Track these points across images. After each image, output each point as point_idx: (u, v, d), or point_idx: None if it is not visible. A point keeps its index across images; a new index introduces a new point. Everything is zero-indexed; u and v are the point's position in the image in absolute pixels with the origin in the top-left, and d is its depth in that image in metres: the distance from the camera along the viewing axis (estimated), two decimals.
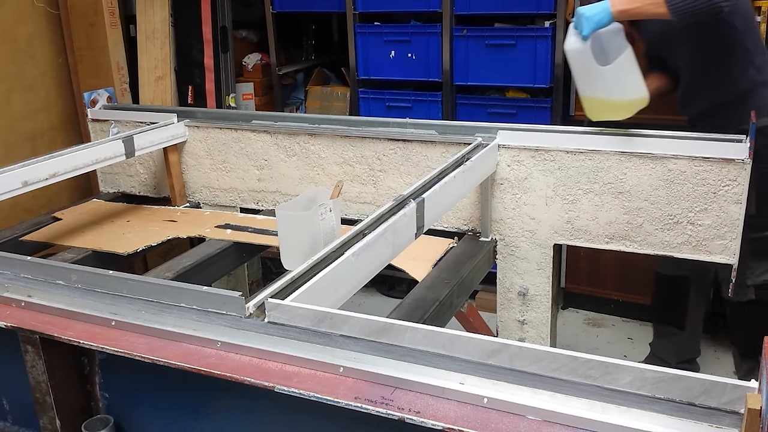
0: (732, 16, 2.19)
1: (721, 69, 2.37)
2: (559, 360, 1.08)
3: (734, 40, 2.30)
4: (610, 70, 2.17)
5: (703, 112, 2.49)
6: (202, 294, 1.38)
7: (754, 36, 2.35)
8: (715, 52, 2.35)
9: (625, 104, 2.25)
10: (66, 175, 2.36)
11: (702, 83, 2.45)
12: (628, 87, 2.23)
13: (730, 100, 2.39)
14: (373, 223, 1.65)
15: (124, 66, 3.78)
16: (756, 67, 2.35)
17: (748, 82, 2.35)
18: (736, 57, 2.33)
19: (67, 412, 1.48)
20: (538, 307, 2.44)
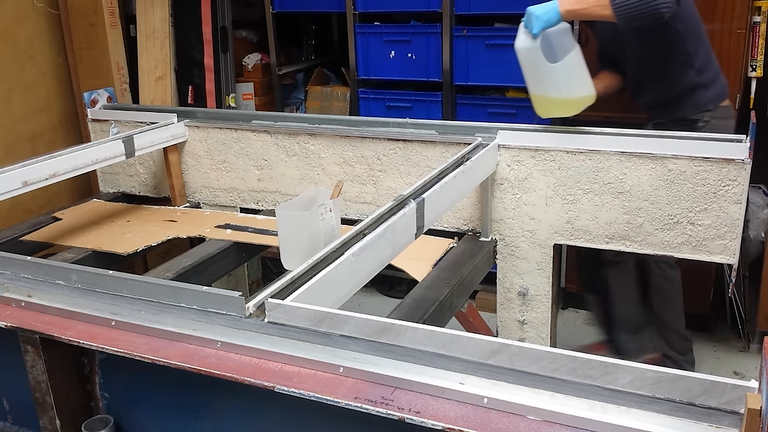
0: (674, 20, 2.27)
1: (662, 70, 2.48)
2: (559, 360, 1.08)
3: (676, 42, 2.40)
4: (559, 68, 2.24)
5: (649, 107, 2.63)
6: (202, 294, 1.38)
7: (696, 39, 2.44)
8: (657, 53, 2.45)
9: (574, 101, 2.32)
10: (66, 175, 2.36)
11: (645, 82, 2.57)
12: (576, 84, 2.29)
13: (670, 99, 2.51)
14: (373, 223, 1.65)
15: (124, 66, 3.78)
16: (696, 69, 2.45)
17: (687, 83, 2.46)
18: (676, 59, 2.43)
19: (67, 412, 1.48)
20: (538, 307, 2.44)
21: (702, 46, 2.47)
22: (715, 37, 2.95)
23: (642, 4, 2.10)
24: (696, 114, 2.48)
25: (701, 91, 2.48)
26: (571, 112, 2.36)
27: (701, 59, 2.46)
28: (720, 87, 2.54)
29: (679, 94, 2.50)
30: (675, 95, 2.51)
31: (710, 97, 2.49)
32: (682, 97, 2.50)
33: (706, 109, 2.48)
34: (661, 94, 2.56)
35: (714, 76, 2.52)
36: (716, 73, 2.53)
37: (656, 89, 2.56)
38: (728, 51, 2.95)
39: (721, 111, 2.52)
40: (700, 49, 2.46)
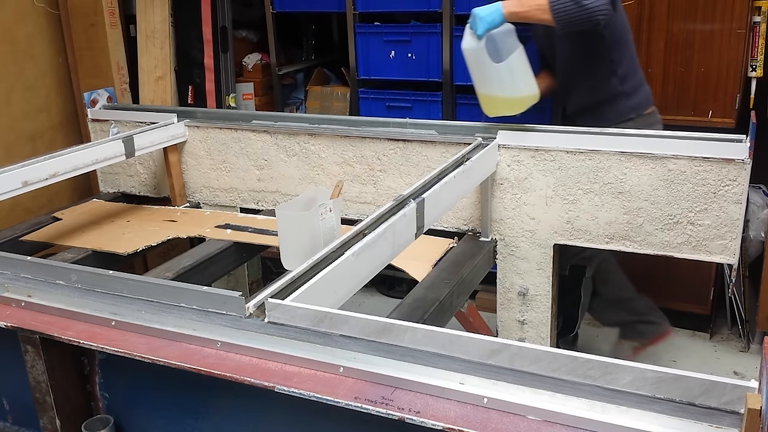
0: (603, 27, 2.33)
1: (586, 75, 2.54)
2: (559, 360, 1.08)
3: (600, 49, 2.45)
4: (503, 68, 2.31)
5: (575, 111, 2.69)
6: (202, 294, 1.38)
7: (621, 47, 2.48)
8: (582, 58, 2.51)
9: (518, 100, 2.39)
10: (66, 175, 2.35)
11: (571, 87, 2.63)
12: (520, 84, 2.36)
13: (592, 105, 2.57)
14: (373, 223, 1.65)
15: (124, 66, 3.78)
16: (619, 77, 2.49)
17: (609, 90, 2.51)
18: (600, 66, 2.49)
19: (67, 412, 1.48)
20: (538, 307, 2.44)
21: (627, 54, 2.51)
22: (715, 37, 2.96)
23: (580, 10, 2.16)
24: (618, 124, 2.46)
25: (623, 99, 2.52)
26: (516, 111, 2.41)
27: (625, 67, 2.50)
28: (643, 96, 2.57)
29: (601, 101, 2.54)
30: (597, 102, 2.55)
31: (631, 106, 2.53)
32: (603, 105, 2.54)
33: (627, 118, 2.51)
34: (584, 100, 2.60)
35: (637, 84, 2.55)
36: (639, 82, 2.57)
37: (580, 95, 2.61)
38: (728, 51, 2.95)
39: (645, 120, 2.55)
40: (624, 57, 2.50)
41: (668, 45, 3.04)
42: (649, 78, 3.11)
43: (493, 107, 2.43)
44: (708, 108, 3.05)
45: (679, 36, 3.02)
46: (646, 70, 3.11)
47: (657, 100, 3.13)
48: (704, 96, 3.04)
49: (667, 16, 3.01)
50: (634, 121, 2.51)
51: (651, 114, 2.60)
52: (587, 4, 2.15)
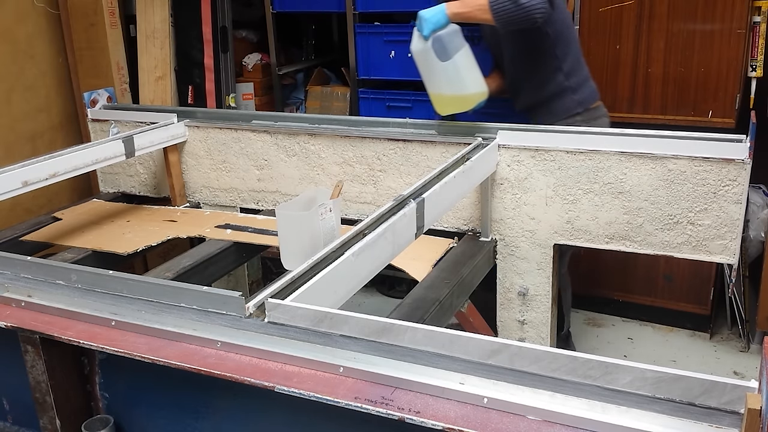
0: (544, 24, 2.39)
1: (532, 72, 2.60)
2: (559, 360, 1.08)
3: (544, 46, 2.51)
4: (450, 66, 2.38)
5: (525, 108, 2.73)
6: (202, 294, 1.38)
7: (565, 44, 2.54)
8: (528, 55, 2.58)
9: (467, 97, 2.45)
10: (66, 175, 2.36)
11: (519, 83, 2.69)
12: (467, 82, 2.43)
13: (541, 101, 2.62)
14: (373, 223, 1.65)
15: (124, 66, 3.78)
16: (564, 73, 2.55)
17: (555, 86, 2.57)
18: (545, 62, 2.55)
19: (67, 412, 1.48)
20: (538, 307, 2.44)
21: (571, 50, 2.57)
22: (715, 37, 2.96)
23: (518, 10, 2.23)
24: (566, 118, 2.55)
25: (569, 94, 2.57)
26: (465, 108, 2.49)
27: (570, 63, 2.56)
28: (588, 90, 2.62)
29: (549, 97, 2.59)
30: (545, 98, 2.60)
31: (578, 100, 2.58)
32: (551, 101, 2.59)
33: (575, 113, 2.57)
34: (533, 97, 2.65)
35: (582, 80, 2.61)
36: (585, 77, 2.63)
37: (529, 91, 2.65)
38: (728, 51, 2.95)
39: (592, 113, 2.61)
40: (569, 53, 2.56)
41: (668, 45, 3.04)
42: (649, 78, 3.12)
43: (443, 106, 2.50)
44: (708, 108, 3.05)
45: (679, 36, 3.02)
46: (646, 70, 3.12)
47: (657, 100, 3.14)
48: (704, 96, 3.04)
49: (667, 16, 3.02)
50: (581, 116, 2.58)
51: (597, 108, 2.66)
52: (525, 3, 2.22)
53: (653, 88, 3.13)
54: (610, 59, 3.17)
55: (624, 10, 3.09)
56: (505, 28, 2.33)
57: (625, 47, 3.13)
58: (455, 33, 2.37)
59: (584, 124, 2.53)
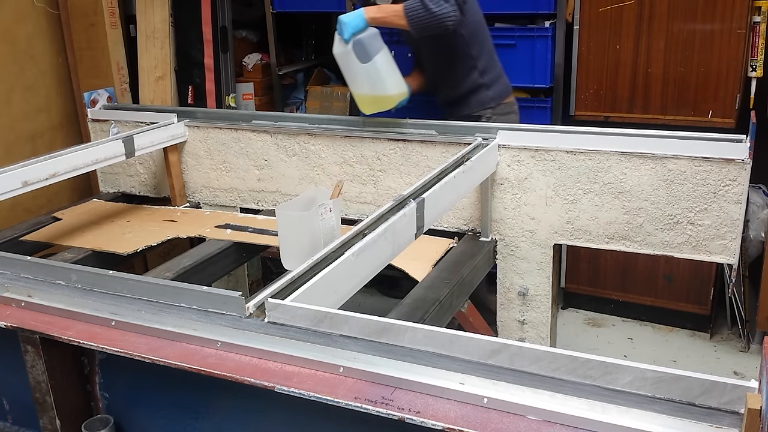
0: (458, 27, 2.56)
1: (449, 71, 2.76)
2: (559, 360, 1.08)
3: (459, 46, 2.68)
4: (370, 68, 2.49)
5: (444, 103, 2.89)
6: (202, 294, 1.38)
7: (479, 44, 2.71)
8: (443, 56, 2.73)
9: (387, 98, 2.56)
10: (66, 175, 2.35)
11: (438, 81, 2.85)
12: (387, 83, 2.54)
13: (458, 97, 2.79)
14: (373, 223, 1.65)
15: (124, 66, 3.78)
16: (479, 71, 2.74)
17: (471, 83, 2.75)
18: (461, 61, 2.72)
19: (67, 412, 1.48)
20: (538, 307, 2.44)
21: (484, 49, 2.75)
22: (715, 37, 2.96)
23: (430, 17, 2.37)
24: (479, 111, 2.77)
25: (484, 90, 2.76)
26: (387, 107, 2.60)
27: (484, 62, 2.74)
28: (501, 87, 2.81)
29: (466, 93, 2.77)
30: (462, 94, 2.78)
31: (492, 95, 2.78)
32: (467, 96, 2.77)
33: (488, 107, 2.78)
34: (451, 93, 2.82)
35: (495, 77, 2.79)
36: (498, 74, 2.81)
37: (447, 89, 2.82)
38: (728, 51, 2.96)
39: (503, 108, 2.81)
40: (482, 52, 2.74)
41: (668, 45, 3.04)
42: (649, 78, 3.12)
43: (367, 105, 2.59)
44: (708, 108, 3.05)
45: (679, 36, 3.02)
46: (646, 70, 3.12)
47: (657, 100, 3.14)
48: (704, 96, 3.05)
49: (667, 16, 3.02)
50: (494, 109, 2.79)
51: (509, 103, 2.86)
52: (436, 11, 2.36)
53: (653, 88, 3.13)
54: (610, 59, 3.18)
55: (624, 10, 3.09)
56: (419, 33, 2.47)
57: (625, 47, 3.13)
58: (374, 36, 2.48)
59: (495, 116, 2.77)
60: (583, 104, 3.30)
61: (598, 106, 3.26)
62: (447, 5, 2.37)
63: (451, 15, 2.39)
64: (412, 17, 2.40)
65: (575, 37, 3.22)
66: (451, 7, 2.38)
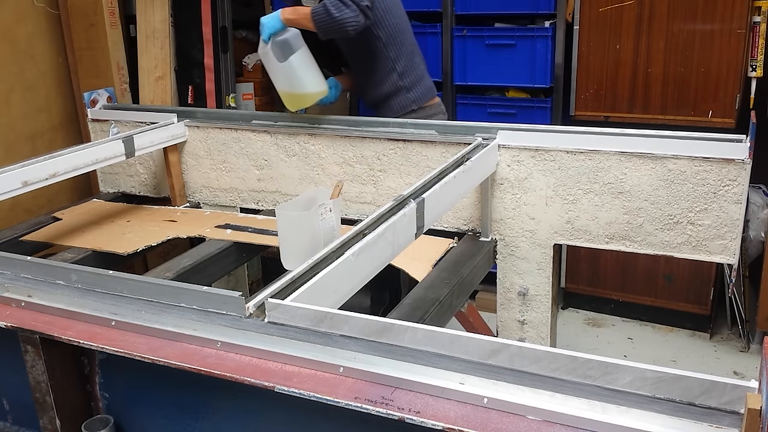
0: (375, 28, 2.66)
1: (369, 72, 2.82)
2: (559, 360, 1.08)
3: (377, 49, 2.74)
4: (287, 67, 2.59)
5: (370, 104, 2.94)
6: (202, 294, 1.38)
7: (397, 46, 2.76)
8: (363, 57, 2.80)
9: (306, 95, 2.66)
10: (66, 175, 2.35)
11: (361, 82, 2.91)
12: (304, 81, 2.62)
13: (380, 99, 2.84)
14: (373, 223, 1.65)
15: (124, 66, 3.78)
16: (399, 73, 2.78)
17: (391, 85, 2.79)
18: (380, 63, 2.77)
19: (67, 412, 1.48)
20: (538, 307, 2.44)
21: (404, 51, 2.78)
22: (715, 37, 2.96)
23: (332, 21, 2.45)
24: (403, 115, 2.78)
25: (404, 93, 2.80)
26: (306, 104, 2.71)
27: (403, 64, 2.78)
28: (423, 89, 2.84)
29: (387, 95, 2.81)
30: (383, 96, 2.83)
31: (413, 98, 2.81)
32: (389, 99, 2.82)
33: (410, 110, 2.81)
34: (374, 95, 2.86)
35: (416, 79, 2.82)
36: (419, 77, 2.84)
37: (369, 90, 2.87)
38: (728, 51, 2.96)
39: (426, 111, 2.84)
40: (401, 55, 2.77)
41: (668, 45, 3.05)
42: (649, 78, 3.12)
43: (288, 102, 2.69)
44: (708, 108, 3.05)
45: (679, 36, 3.02)
46: (646, 70, 3.12)
47: (657, 100, 3.14)
48: (704, 96, 3.05)
49: (667, 16, 3.02)
50: (417, 113, 2.81)
51: (432, 105, 2.88)
52: (337, 16, 2.44)
53: (653, 88, 3.13)
54: (610, 59, 3.18)
55: (624, 10, 3.09)
56: (324, 36, 2.56)
57: (625, 47, 3.13)
58: (295, 37, 2.57)
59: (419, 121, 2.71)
60: (583, 104, 3.30)
61: (598, 106, 3.27)
62: (348, 11, 2.44)
63: (351, 20, 2.44)
64: (317, 21, 2.49)
65: (575, 37, 3.22)
66: (352, 12, 2.44)
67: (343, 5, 2.43)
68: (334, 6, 2.43)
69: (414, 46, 2.85)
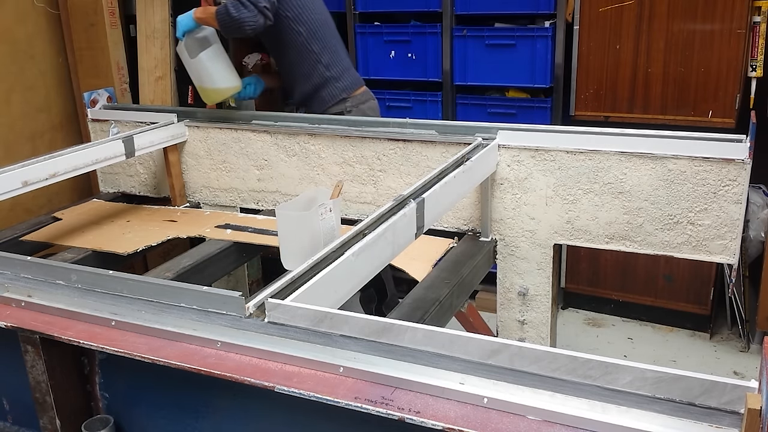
0: (295, 24, 2.78)
1: (295, 67, 2.91)
2: (559, 360, 1.08)
3: (299, 43, 2.83)
4: (198, 63, 2.76)
5: (300, 100, 3.01)
6: (202, 294, 1.38)
7: (320, 40, 2.86)
8: (288, 54, 2.89)
9: (218, 90, 2.83)
10: (66, 175, 2.35)
11: (289, 78, 2.99)
12: (214, 77, 2.79)
13: (310, 93, 2.92)
14: (373, 223, 1.65)
15: (124, 66, 3.78)
16: (324, 65, 2.88)
17: (318, 77, 2.88)
18: (304, 57, 2.87)
19: (67, 412, 1.48)
20: (538, 307, 2.44)
21: (328, 45, 2.89)
22: (715, 37, 2.96)
23: (232, 21, 2.59)
24: (335, 104, 2.90)
25: (333, 82, 2.89)
26: (220, 99, 2.90)
27: (327, 57, 2.88)
28: (350, 79, 2.95)
29: (316, 87, 2.89)
30: (313, 89, 2.90)
31: (342, 87, 2.91)
32: (319, 90, 2.90)
33: (341, 98, 2.91)
34: (303, 88, 2.93)
35: (342, 70, 2.92)
36: (344, 67, 2.94)
37: (299, 84, 2.94)
38: (728, 51, 2.96)
39: (357, 99, 2.95)
40: (325, 48, 2.87)
41: (668, 45, 3.05)
42: (649, 78, 3.12)
43: (204, 95, 2.86)
44: (708, 108, 3.05)
45: (679, 36, 3.02)
46: (646, 70, 3.12)
47: (657, 100, 3.14)
48: (704, 96, 3.05)
49: (667, 16, 3.02)
50: (346, 101, 2.91)
51: (362, 93, 2.99)
52: (236, 16, 2.57)
53: (653, 88, 3.13)
54: (610, 59, 3.18)
55: (624, 10, 3.09)
56: (227, 34, 2.73)
57: (625, 47, 3.13)
58: (206, 34, 2.73)
59: (354, 109, 2.91)
60: (583, 104, 3.30)
61: (598, 106, 3.27)
62: (246, 11, 2.56)
63: (249, 20, 2.57)
64: (220, 20, 2.62)
65: (575, 37, 3.22)
66: (249, 12, 2.57)
67: (241, 5, 2.56)
68: (233, 6, 2.57)
69: (337, 39, 2.96)
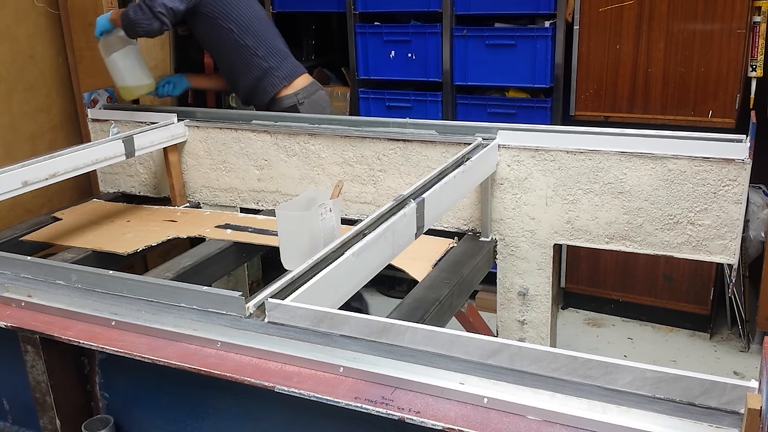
0: (224, 22, 2.90)
1: (233, 63, 3.03)
2: (559, 360, 1.08)
3: (233, 40, 2.95)
4: (111, 62, 2.96)
5: (246, 97, 3.11)
6: (202, 294, 1.38)
7: (253, 34, 2.96)
8: (224, 52, 3.02)
9: (130, 88, 3.01)
10: (66, 175, 2.35)
11: (230, 77, 3.11)
12: (125, 75, 2.98)
13: (253, 86, 3.03)
14: (373, 223, 1.65)
15: None
16: (261, 56, 2.98)
17: (257, 69, 2.99)
18: (239, 52, 2.98)
19: (67, 412, 1.48)
20: (538, 307, 2.44)
21: (262, 38, 2.98)
22: (715, 37, 2.96)
23: (129, 22, 2.80)
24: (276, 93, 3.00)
25: (273, 72, 3.00)
26: (133, 96, 3.07)
27: (264, 49, 2.98)
28: (289, 67, 3.04)
29: (257, 79, 3.00)
30: (254, 81, 3.01)
31: (282, 75, 3.01)
32: (260, 82, 3.00)
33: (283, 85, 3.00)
34: (246, 83, 3.04)
35: (280, 59, 3.02)
36: (282, 57, 3.04)
37: (241, 80, 3.04)
38: (728, 51, 2.96)
39: (308, 89, 3.07)
40: (260, 41, 2.97)
41: (668, 45, 3.05)
42: (649, 78, 3.12)
43: (121, 92, 3.03)
44: (708, 108, 3.05)
45: (679, 36, 3.02)
46: (646, 70, 3.12)
47: (657, 100, 3.14)
48: (704, 96, 3.05)
49: (667, 16, 3.02)
50: (297, 94, 3.02)
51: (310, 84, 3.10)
52: (133, 18, 2.78)
53: (653, 88, 3.13)
54: (610, 59, 3.18)
55: (624, 10, 3.09)
56: (129, 35, 2.89)
57: (625, 47, 3.13)
58: (122, 35, 2.90)
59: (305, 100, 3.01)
60: (583, 104, 3.30)
61: (598, 106, 3.27)
62: (142, 15, 2.76)
63: (143, 23, 2.77)
64: (122, 22, 2.82)
65: (575, 37, 3.22)
66: (144, 16, 2.77)
67: (140, 9, 2.76)
68: (133, 10, 2.78)
69: (273, 31, 3.06)
